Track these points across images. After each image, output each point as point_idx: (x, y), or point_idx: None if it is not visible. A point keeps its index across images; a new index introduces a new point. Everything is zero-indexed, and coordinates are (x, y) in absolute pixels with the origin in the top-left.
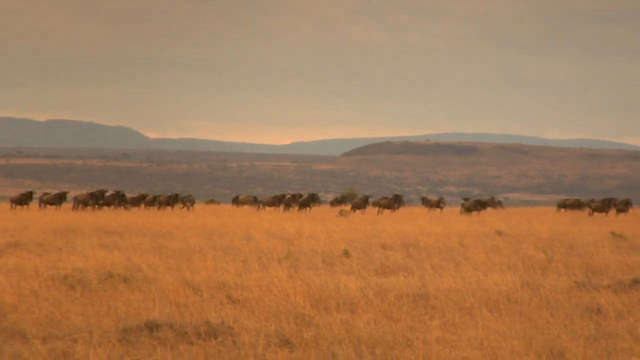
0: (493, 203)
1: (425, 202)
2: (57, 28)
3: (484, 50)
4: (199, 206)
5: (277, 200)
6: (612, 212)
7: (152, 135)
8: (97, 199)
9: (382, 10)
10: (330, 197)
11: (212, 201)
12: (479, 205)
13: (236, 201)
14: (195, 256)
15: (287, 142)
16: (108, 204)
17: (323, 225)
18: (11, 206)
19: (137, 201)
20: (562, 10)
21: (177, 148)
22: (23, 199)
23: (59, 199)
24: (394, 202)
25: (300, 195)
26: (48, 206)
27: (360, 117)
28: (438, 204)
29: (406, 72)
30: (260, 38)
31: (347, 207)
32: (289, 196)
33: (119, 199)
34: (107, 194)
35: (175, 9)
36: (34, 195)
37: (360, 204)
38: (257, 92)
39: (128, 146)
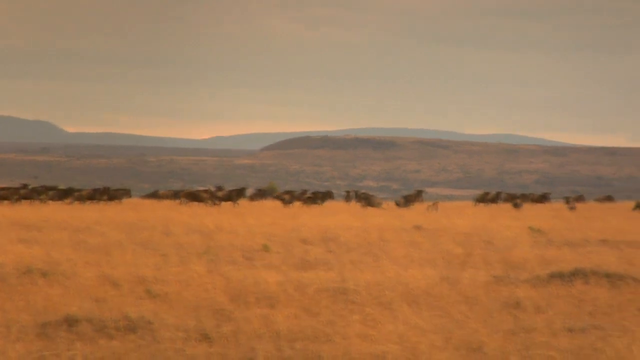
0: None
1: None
2: None
3: (403, 45)
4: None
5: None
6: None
7: (71, 129)
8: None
9: (303, 4)
10: (250, 191)
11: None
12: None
13: (155, 195)
14: (114, 251)
15: (207, 136)
16: (27, 198)
17: (243, 220)
18: None
19: (62, 195)
20: (485, 5)
21: (96, 142)
22: None
23: None
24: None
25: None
26: None
27: (279, 112)
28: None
29: (325, 66)
30: (181, 31)
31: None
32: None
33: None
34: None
35: (93, 1)
36: None
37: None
38: (176, 86)
39: (47, 140)
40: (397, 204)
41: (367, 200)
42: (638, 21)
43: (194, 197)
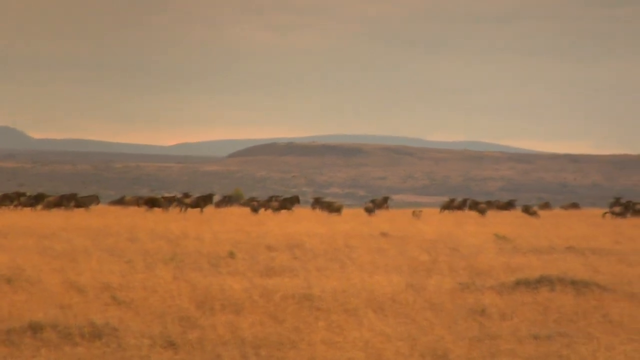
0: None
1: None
2: None
3: (370, 52)
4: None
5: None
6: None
7: (36, 135)
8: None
9: (267, 11)
10: (217, 198)
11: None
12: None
13: (121, 202)
14: (80, 257)
15: (173, 142)
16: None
17: (209, 227)
18: None
19: (34, 202)
20: (451, 12)
21: (62, 148)
22: None
23: None
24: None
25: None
26: None
27: (246, 118)
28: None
29: (292, 73)
30: (148, 38)
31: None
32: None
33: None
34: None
35: (59, 6)
36: None
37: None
38: (143, 93)
39: (12, 146)
40: (367, 210)
41: (325, 205)
42: (603, 29)
43: (153, 203)
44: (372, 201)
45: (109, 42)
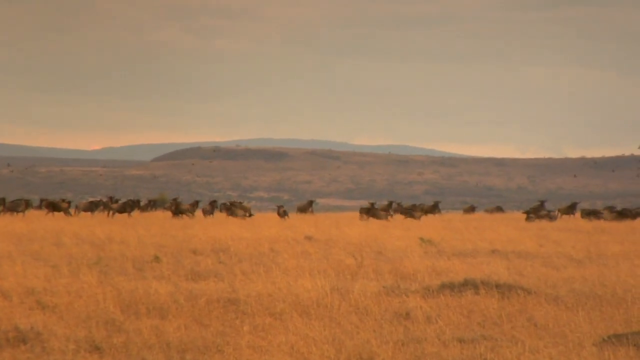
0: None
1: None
2: None
3: (294, 55)
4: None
5: (94, 206)
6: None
7: None
8: None
9: (192, 15)
10: (142, 202)
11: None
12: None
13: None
14: (3, 261)
15: (97, 147)
16: None
17: (134, 230)
18: None
19: None
20: (374, 15)
21: None
22: None
23: None
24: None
25: (117, 201)
26: None
27: (170, 122)
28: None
29: (216, 76)
30: (70, 41)
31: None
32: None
33: None
34: None
35: None
36: None
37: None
38: (65, 95)
39: None
40: (279, 215)
41: (229, 210)
42: (529, 32)
43: (54, 207)
44: (298, 207)
45: (32, 46)
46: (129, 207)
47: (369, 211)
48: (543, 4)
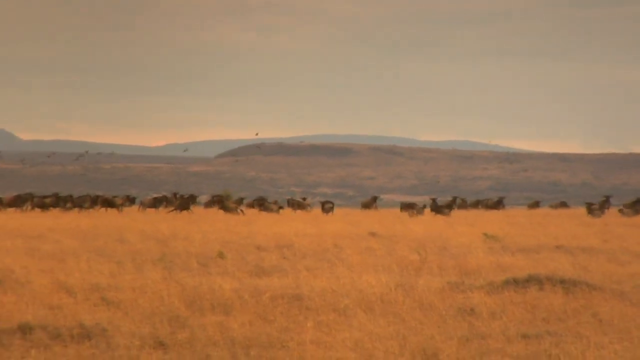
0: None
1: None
2: None
3: (358, 53)
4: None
5: (158, 202)
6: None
7: (25, 136)
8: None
9: (253, 12)
10: (205, 198)
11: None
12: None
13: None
14: (68, 258)
15: (161, 143)
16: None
17: (198, 227)
18: None
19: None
20: (438, 13)
21: (51, 149)
22: None
23: None
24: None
25: (182, 196)
26: None
27: (234, 119)
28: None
29: (280, 73)
30: (133, 40)
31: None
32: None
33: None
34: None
35: (46, 10)
36: None
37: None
38: (130, 94)
39: (1, 148)
40: (324, 210)
41: (262, 205)
42: (594, 28)
43: (109, 203)
44: (362, 203)
45: (96, 45)
46: (185, 203)
47: (409, 206)
48: (607, 1)
